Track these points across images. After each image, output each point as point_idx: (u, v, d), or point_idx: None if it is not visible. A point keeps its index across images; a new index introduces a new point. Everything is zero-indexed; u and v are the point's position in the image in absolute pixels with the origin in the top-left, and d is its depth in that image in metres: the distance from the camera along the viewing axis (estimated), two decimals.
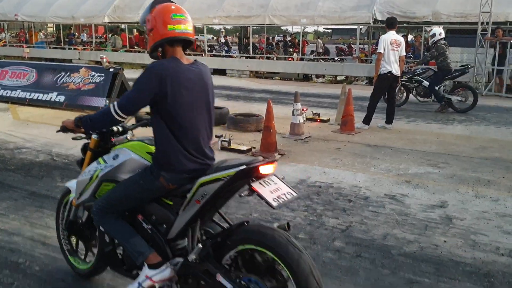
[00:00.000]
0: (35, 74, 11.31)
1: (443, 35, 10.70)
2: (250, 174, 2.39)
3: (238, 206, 4.79)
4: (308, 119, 9.37)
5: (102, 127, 2.90)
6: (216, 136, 7.16)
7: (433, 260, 3.73)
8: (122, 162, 2.81)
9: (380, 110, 9.01)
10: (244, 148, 7.01)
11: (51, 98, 10.50)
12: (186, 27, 2.60)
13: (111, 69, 10.14)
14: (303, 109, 8.30)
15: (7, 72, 11.99)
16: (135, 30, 25.97)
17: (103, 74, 10.17)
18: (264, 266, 2.41)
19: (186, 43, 2.68)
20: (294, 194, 2.48)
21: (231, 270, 2.50)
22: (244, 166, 2.37)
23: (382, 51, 8.42)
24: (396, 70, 8.53)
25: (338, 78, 18.87)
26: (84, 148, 3.17)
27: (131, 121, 3.21)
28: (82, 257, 3.41)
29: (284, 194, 2.43)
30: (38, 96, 10.71)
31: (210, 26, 22.82)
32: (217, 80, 18.02)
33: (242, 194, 2.48)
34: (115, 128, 3.04)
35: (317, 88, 16.01)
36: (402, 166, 6.33)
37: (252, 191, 2.39)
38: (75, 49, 24.33)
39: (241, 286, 2.40)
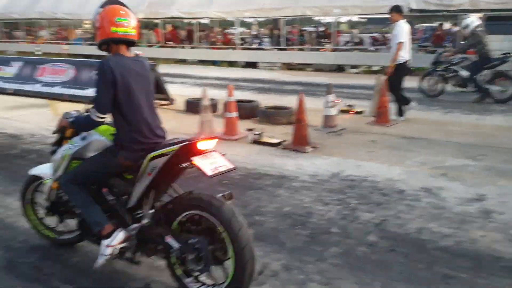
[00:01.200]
0: (74, 71, 11.60)
1: (477, 23, 10.36)
2: (190, 149, 2.81)
3: (271, 200, 4.78)
4: (341, 111, 9.24)
5: (91, 129, 3.21)
6: (247, 130, 7.17)
7: (470, 255, 3.63)
8: (88, 142, 3.21)
9: None
10: (275, 141, 6.98)
11: (88, 93, 10.72)
12: (128, 30, 2.99)
13: None
14: (336, 101, 8.21)
15: (46, 69, 12.34)
16: (170, 26, 26.19)
17: None
18: (206, 228, 2.86)
19: (129, 42, 3.07)
20: (230, 166, 2.90)
21: (180, 233, 2.94)
22: (186, 143, 2.80)
23: (403, 40, 8.21)
24: (410, 58, 8.41)
25: (373, 68, 18.55)
26: (57, 132, 3.48)
27: None
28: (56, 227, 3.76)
29: (221, 166, 2.85)
30: (77, 92, 10.96)
31: (242, 19, 22.76)
32: (248, 73, 18.16)
33: (184, 165, 2.90)
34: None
35: (351, 79, 15.80)
36: (439, 158, 6.18)
37: (192, 165, 2.83)
38: None
39: (186, 245, 2.85)
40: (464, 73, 10.57)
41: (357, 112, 9.33)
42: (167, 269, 3.11)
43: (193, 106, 9.39)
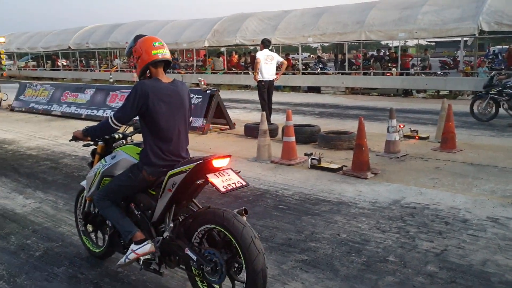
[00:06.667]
0: None
1: None
2: (206, 167, 2.98)
3: (327, 226, 4.70)
4: (405, 136, 9.02)
5: (104, 134, 3.61)
6: (305, 154, 7.13)
7: None
8: (117, 161, 3.52)
9: (473, 124, 8.42)
10: (334, 166, 6.88)
11: None
12: (165, 51, 3.29)
13: (208, 91, 10.52)
14: (399, 126, 8.00)
15: (117, 96, 12.97)
16: (234, 53, 26.84)
17: (201, 96, 10.58)
18: (221, 241, 3.03)
19: (166, 65, 3.37)
20: (243, 183, 3.06)
21: (199, 245, 3.11)
22: (201, 161, 2.98)
23: None
24: None
25: (441, 93, 17.98)
26: (93, 153, 3.95)
27: (129, 129, 3.97)
28: (95, 241, 4.10)
29: (234, 183, 3.02)
30: None
31: (306, 44, 22.90)
32: (310, 98, 18.20)
33: (199, 182, 3.07)
34: (116, 135, 3.80)
35: (417, 104, 15.38)
36: (509, 187, 5.84)
37: (207, 181, 3.01)
38: (178, 72, 25.61)
39: (203, 258, 3.01)
40: None
41: (422, 138, 9.04)
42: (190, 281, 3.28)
43: (251, 131, 9.50)
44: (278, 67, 10.55)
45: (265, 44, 10.20)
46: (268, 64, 10.07)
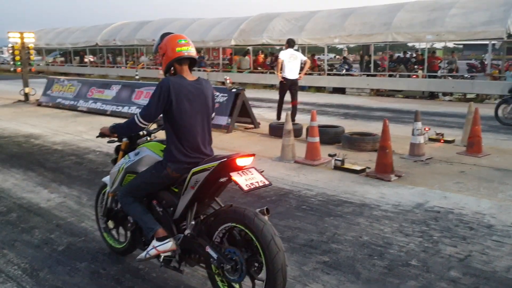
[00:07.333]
0: None
1: None
2: (229, 165, 2.99)
3: (349, 228, 4.69)
4: (430, 140, 8.92)
5: (130, 132, 3.68)
6: (329, 155, 7.10)
7: None
8: (141, 157, 3.53)
9: (499, 128, 8.27)
10: (358, 168, 6.84)
11: None
12: (190, 49, 3.31)
13: (234, 90, 10.55)
14: (425, 129, 7.91)
15: (142, 93, 13.12)
16: (260, 52, 26.87)
17: (226, 94, 10.62)
18: (241, 239, 3.03)
19: (191, 62, 3.38)
20: (266, 182, 3.06)
21: (220, 243, 3.11)
22: (225, 159, 2.97)
23: None
24: None
25: (468, 96, 17.68)
26: (117, 149, 3.98)
27: (153, 126, 3.91)
28: (117, 237, 4.13)
29: (257, 182, 3.01)
30: None
31: (332, 45, 22.78)
32: (335, 99, 18.10)
33: (223, 180, 3.08)
34: (140, 132, 3.83)
35: (444, 107, 15.17)
36: None
37: (230, 179, 3.00)
38: (204, 70, 25.76)
39: (224, 256, 3.02)
40: None
41: (447, 141, 8.91)
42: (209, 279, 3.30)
43: (276, 130, 9.52)
44: (302, 67, 10.64)
45: (290, 43, 10.62)
46: (291, 63, 10.37)
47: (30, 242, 4.49)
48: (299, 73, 10.57)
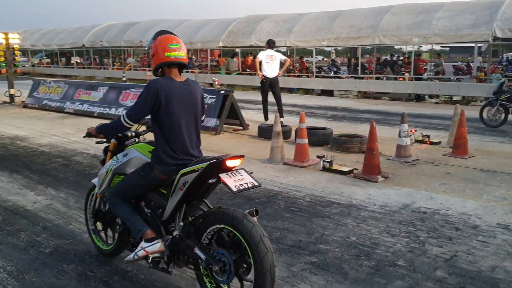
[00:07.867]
0: None
1: None
2: (219, 166, 2.98)
3: (337, 229, 4.72)
4: (417, 141, 9.00)
5: (116, 132, 3.64)
6: (317, 157, 7.14)
7: None
8: (129, 159, 3.53)
9: (485, 130, 8.39)
10: (345, 169, 6.88)
11: None
12: (180, 54, 3.30)
13: (222, 91, 10.57)
14: (411, 131, 7.98)
15: (130, 94, 13.07)
16: (249, 54, 26.91)
17: (214, 96, 10.63)
18: (230, 241, 3.02)
19: (181, 66, 3.38)
20: (256, 183, 3.05)
21: (209, 245, 3.11)
22: (214, 160, 2.97)
23: None
24: None
25: (454, 98, 17.88)
26: (105, 150, 3.97)
27: (142, 127, 4.01)
28: (105, 239, 4.13)
29: (246, 183, 3.01)
30: None
31: (320, 48, 22.89)
32: (323, 101, 18.17)
33: (212, 181, 3.07)
34: (129, 134, 3.83)
35: (430, 109, 15.32)
36: None
37: (219, 180, 2.99)
38: (192, 72, 25.72)
39: (212, 257, 3.02)
40: None
41: (433, 143, 9.01)
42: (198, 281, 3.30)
43: (265, 132, 9.55)
44: (282, 65, 11.31)
45: (270, 44, 11.16)
46: (269, 63, 10.73)
47: (16, 244, 4.45)
48: (279, 71, 11.00)
